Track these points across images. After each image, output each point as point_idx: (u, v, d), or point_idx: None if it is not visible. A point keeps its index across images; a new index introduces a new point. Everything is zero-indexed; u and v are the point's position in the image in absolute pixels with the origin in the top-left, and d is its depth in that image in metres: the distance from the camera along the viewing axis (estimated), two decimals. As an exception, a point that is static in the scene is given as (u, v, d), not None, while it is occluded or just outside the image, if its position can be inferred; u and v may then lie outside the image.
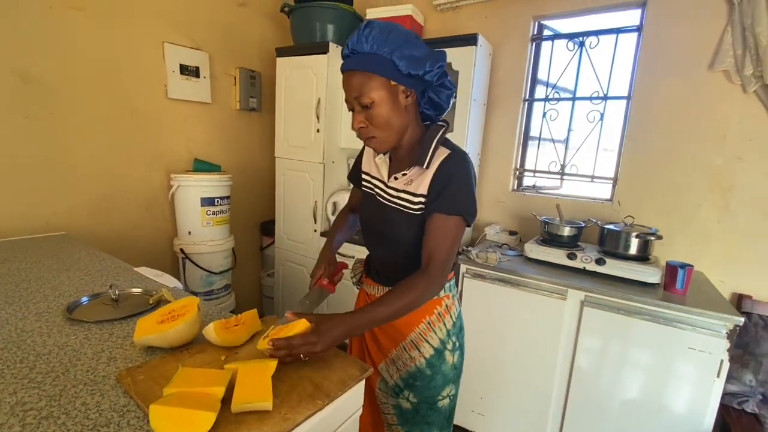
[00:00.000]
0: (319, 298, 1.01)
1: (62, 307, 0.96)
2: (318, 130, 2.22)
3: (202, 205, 2.15)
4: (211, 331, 0.79)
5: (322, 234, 2.30)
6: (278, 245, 2.56)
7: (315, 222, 2.32)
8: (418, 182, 0.89)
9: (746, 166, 1.60)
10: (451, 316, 1.01)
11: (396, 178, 0.94)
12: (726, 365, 1.27)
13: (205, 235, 2.19)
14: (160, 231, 2.27)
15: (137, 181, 2.13)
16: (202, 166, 2.28)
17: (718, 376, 1.28)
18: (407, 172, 0.91)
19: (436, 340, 0.98)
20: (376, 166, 1.00)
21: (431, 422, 1.01)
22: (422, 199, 0.89)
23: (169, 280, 1.20)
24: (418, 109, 0.95)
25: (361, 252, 2.00)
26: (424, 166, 0.88)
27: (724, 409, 1.34)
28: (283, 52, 2.32)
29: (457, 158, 0.88)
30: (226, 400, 0.61)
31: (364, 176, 1.06)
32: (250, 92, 2.57)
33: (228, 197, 2.28)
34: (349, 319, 0.78)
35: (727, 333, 1.26)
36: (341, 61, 0.88)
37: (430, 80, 0.87)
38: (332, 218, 2.30)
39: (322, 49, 2.12)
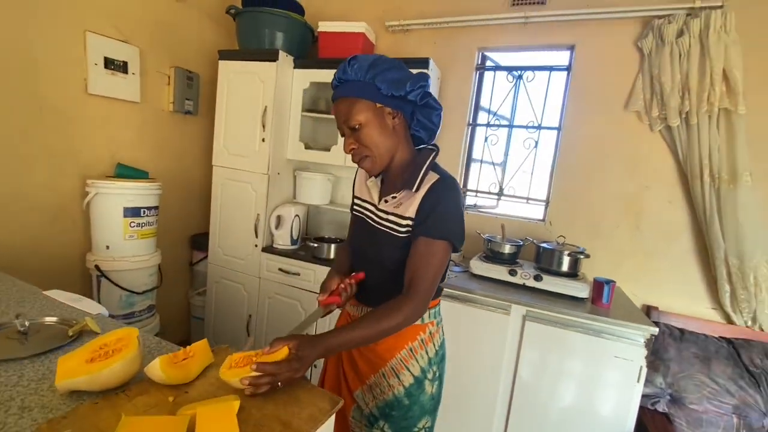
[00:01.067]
0: (318, 315, 0.95)
1: (-54, 344, 0.77)
2: (263, 140, 2.11)
3: (124, 216, 1.90)
4: (156, 369, 0.68)
5: (264, 249, 2.17)
6: (212, 261, 2.36)
7: (257, 236, 2.19)
8: (407, 205, 0.90)
9: (652, 193, 1.86)
10: (434, 344, 0.99)
11: (386, 201, 0.94)
12: (644, 371, 1.43)
13: (127, 250, 1.94)
14: (69, 245, 1.97)
15: (42, 187, 1.83)
16: (126, 172, 2.03)
17: (638, 380, 1.44)
18: (397, 195, 0.92)
19: (417, 369, 0.96)
20: (368, 189, 1.01)
21: None
22: (410, 222, 0.90)
23: (90, 306, 1.03)
24: (409, 132, 0.97)
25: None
26: (414, 190, 0.89)
27: (640, 410, 1.51)
28: (226, 55, 2.19)
29: (446, 183, 0.90)
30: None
31: (355, 200, 1.07)
32: (186, 94, 2.37)
33: (156, 207, 2.06)
34: (327, 340, 0.77)
35: (644, 342, 1.43)
36: (290, 70, 0.90)
37: (414, 100, 0.89)
38: (276, 232, 2.19)
39: (272, 57, 2.04)
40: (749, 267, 1.62)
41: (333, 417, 0.72)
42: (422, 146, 0.99)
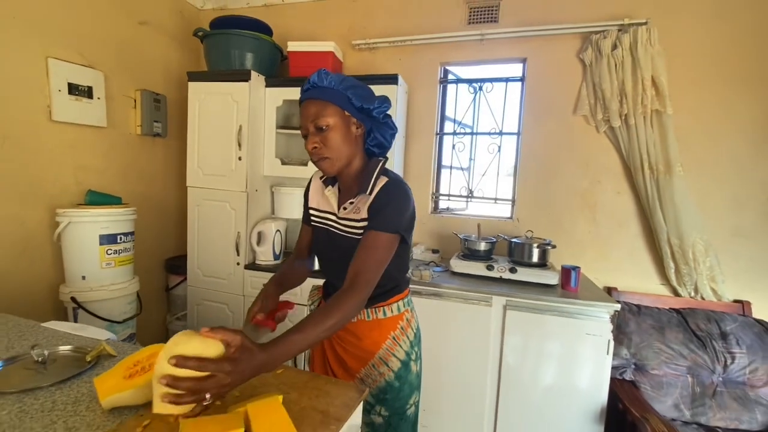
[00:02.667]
0: (255, 338, 0.91)
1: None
2: (240, 158, 2.14)
3: (101, 244, 1.85)
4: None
5: (247, 266, 2.18)
6: (191, 283, 2.33)
7: (238, 254, 2.19)
8: (363, 209, 0.98)
9: (603, 187, 2.09)
10: (412, 328, 1.10)
11: (345, 209, 1.02)
12: (612, 344, 1.61)
13: (105, 279, 1.88)
14: (40, 279, 1.88)
15: (7, 220, 1.75)
16: (97, 199, 1.98)
17: (607, 353, 1.61)
18: (354, 200, 1.00)
19: (402, 353, 1.05)
20: (326, 199, 1.08)
21: None
22: (364, 223, 0.97)
23: (96, 333, 1.03)
24: (364, 146, 1.05)
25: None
26: (368, 192, 0.97)
27: (611, 381, 1.68)
28: (196, 76, 2.20)
29: (394, 183, 0.98)
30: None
31: (312, 212, 1.12)
32: (154, 116, 2.35)
33: (132, 233, 2.02)
34: (271, 351, 0.69)
35: (609, 318, 1.61)
36: (262, 89, 0.94)
37: (377, 116, 0.99)
38: (258, 248, 2.20)
39: (244, 77, 2.08)
40: (688, 245, 1.87)
41: (362, 403, 0.79)
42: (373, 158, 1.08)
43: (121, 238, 1.92)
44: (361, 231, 0.96)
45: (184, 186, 2.29)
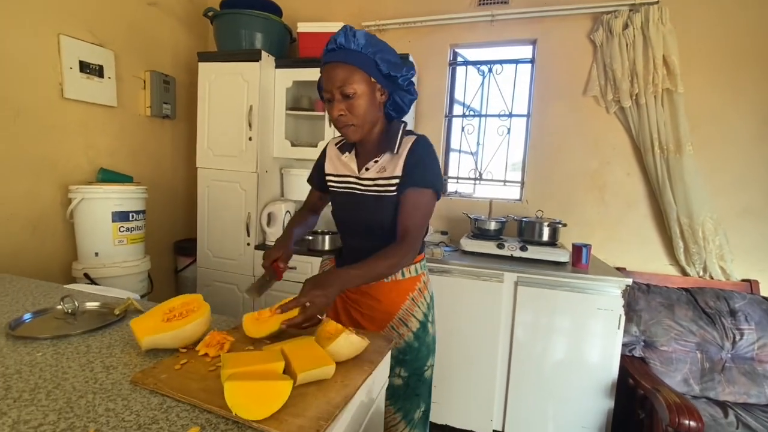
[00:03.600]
0: (269, 282, 1.01)
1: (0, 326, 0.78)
2: (250, 138, 2.14)
3: (113, 221, 1.86)
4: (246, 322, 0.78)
5: (257, 247, 2.19)
6: (201, 264, 2.34)
7: (248, 235, 2.20)
8: (392, 166, 0.99)
9: (613, 168, 2.09)
10: (428, 291, 1.12)
11: (367, 169, 1.02)
12: (623, 318, 1.62)
13: (117, 256, 1.89)
14: (52, 256, 1.89)
15: (21, 196, 1.75)
16: (110, 177, 1.98)
17: (618, 327, 1.63)
18: (378, 159, 1.01)
19: (420, 314, 1.07)
20: (343, 164, 1.09)
21: (420, 394, 1.08)
22: (397, 180, 0.98)
23: (119, 293, 1.04)
24: (384, 110, 1.06)
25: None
26: (395, 152, 0.98)
27: (620, 357, 1.70)
28: (206, 56, 2.20)
29: (425, 141, 1.01)
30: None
31: (329, 178, 1.13)
32: (164, 98, 2.35)
33: (143, 212, 2.02)
34: (343, 273, 0.84)
35: (621, 292, 1.62)
36: (272, 70, 0.94)
37: (401, 84, 0.99)
38: (268, 229, 2.21)
39: (254, 57, 2.08)
40: (697, 223, 1.88)
41: (390, 353, 0.80)
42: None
43: (132, 216, 1.93)
44: (393, 188, 0.98)
45: (193, 169, 2.29)
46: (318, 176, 1.17)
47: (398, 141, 0.99)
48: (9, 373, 0.62)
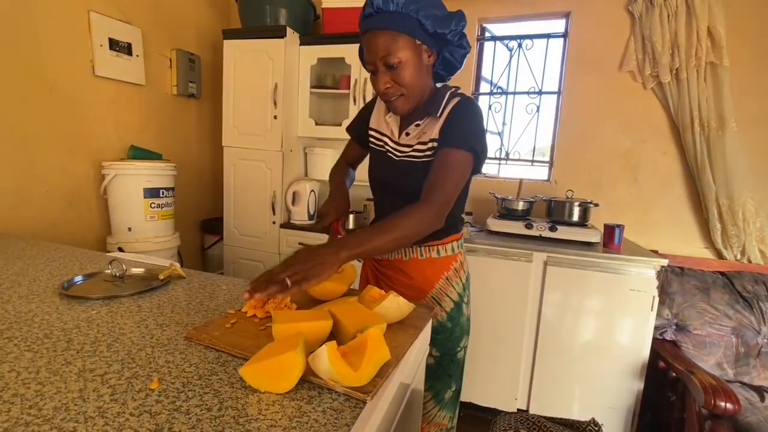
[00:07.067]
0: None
1: (53, 287, 0.80)
2: (275, 117, 2.14)
3: (144, 197, 1.90)
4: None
5: (282, 225, 2.21)
6: (227, 242, 2.38)
7: (274, 213, 2.22)
8: (431, 130, 0.91)
9: (648, 147, 2.02)
10: (464, 271, 1.08)
11: (408, 134, 0.95)
12: (656, 300, 1.58)
13: (149, 231, 1.94)
14: (87, 230, 1.95)
15: (57, 171, 1.80)
16: (140, 154, 2.02)
17: (651, 309, 1.59)
18: (420, 123, 0.93)
19: (455, 294, 1.04)
20: (386, 123, 1.01)
21: (452, 374, 1.06)
22: (434, 144, 0.91)
23: (161, 262, 1.06)
24: (433, 70, 0.97)
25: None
26: (438, 115, 0.90)
27: (651, 341, 1.67)
28: (231, 34, 2.19)
29: (468, 101, 0.91)
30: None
31: (372, 133, 1.05)
32: (189, 77, 2.36)
33: (173, 188, 2.06)
34: (349, 241, 0.73)
35: (656, 273, 1.58)
36: (297, 47, 0.88)
37: (452, 39, 0.88)
38: (293, 208, 2.23)
39: (279, 33, 2.06)
40: (738, 204, 1.80)
41: (430, 322, 0.80)
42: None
43: (163, 193, 1.96)
44: (431, 152, 0.92)
45: (219, 148, 2.31)
46: (360, 127, 1.10)
47: (443, 103, 0.90)
48: (68, 327, 0.64)
